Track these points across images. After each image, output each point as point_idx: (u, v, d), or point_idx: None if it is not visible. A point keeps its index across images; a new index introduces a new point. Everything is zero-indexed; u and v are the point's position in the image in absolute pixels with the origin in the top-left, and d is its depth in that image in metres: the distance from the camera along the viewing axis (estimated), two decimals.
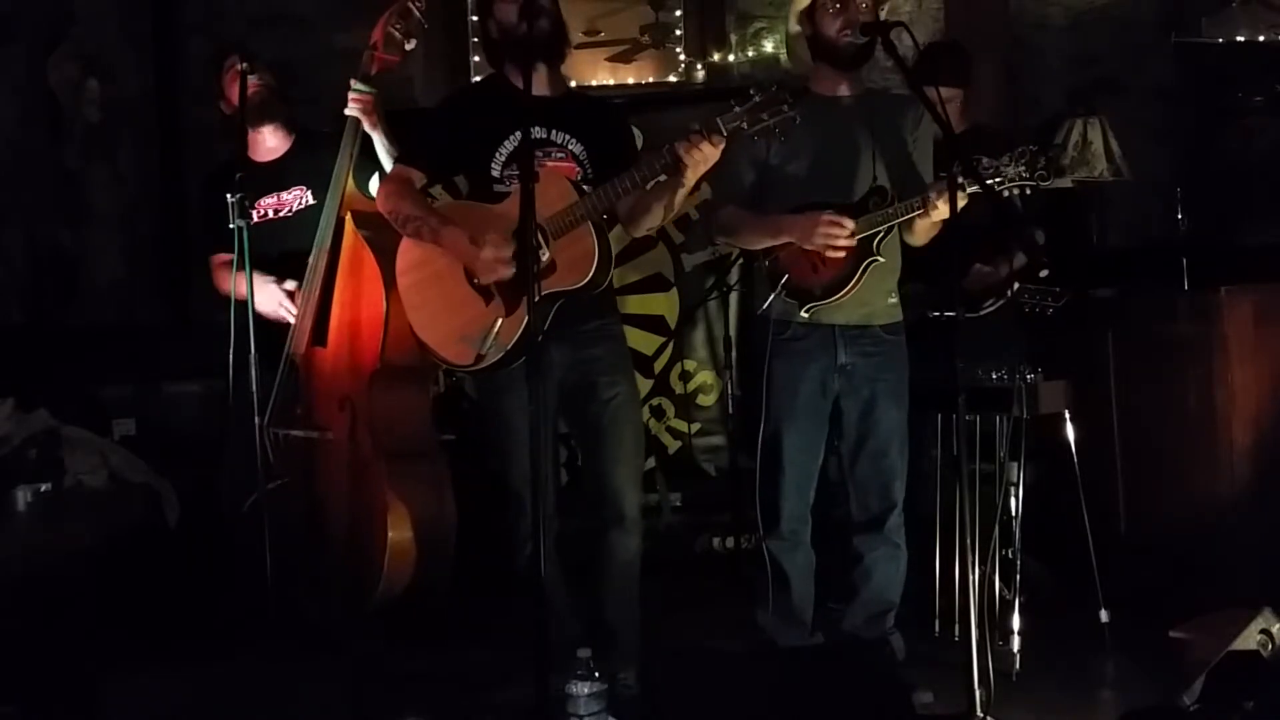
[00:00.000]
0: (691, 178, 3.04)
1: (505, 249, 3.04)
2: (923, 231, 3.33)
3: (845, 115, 3.40)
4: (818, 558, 3.55)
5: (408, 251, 3.28)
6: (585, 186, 3.17)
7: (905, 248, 3.47)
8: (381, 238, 3.54)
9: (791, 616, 3.51)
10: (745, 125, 2.95)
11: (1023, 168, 3.07)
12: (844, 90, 3.43)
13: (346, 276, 3.66)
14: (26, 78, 4.87)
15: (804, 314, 3.36)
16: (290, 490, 3.61)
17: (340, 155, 3.67)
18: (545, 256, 3.07)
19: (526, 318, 3.00)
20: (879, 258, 3.31)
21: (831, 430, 3.51)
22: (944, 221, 3.22)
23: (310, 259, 3.67)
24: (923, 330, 3.73)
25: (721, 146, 2.97)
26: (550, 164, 3.21)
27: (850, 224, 3.23)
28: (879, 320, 3.43)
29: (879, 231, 3.29)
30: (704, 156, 2.97)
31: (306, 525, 3.63)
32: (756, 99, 2.94)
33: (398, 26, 3.66)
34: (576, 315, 3.20)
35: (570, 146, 3.25)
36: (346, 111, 3.66)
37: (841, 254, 3.26)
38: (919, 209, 3.20)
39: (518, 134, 3.18)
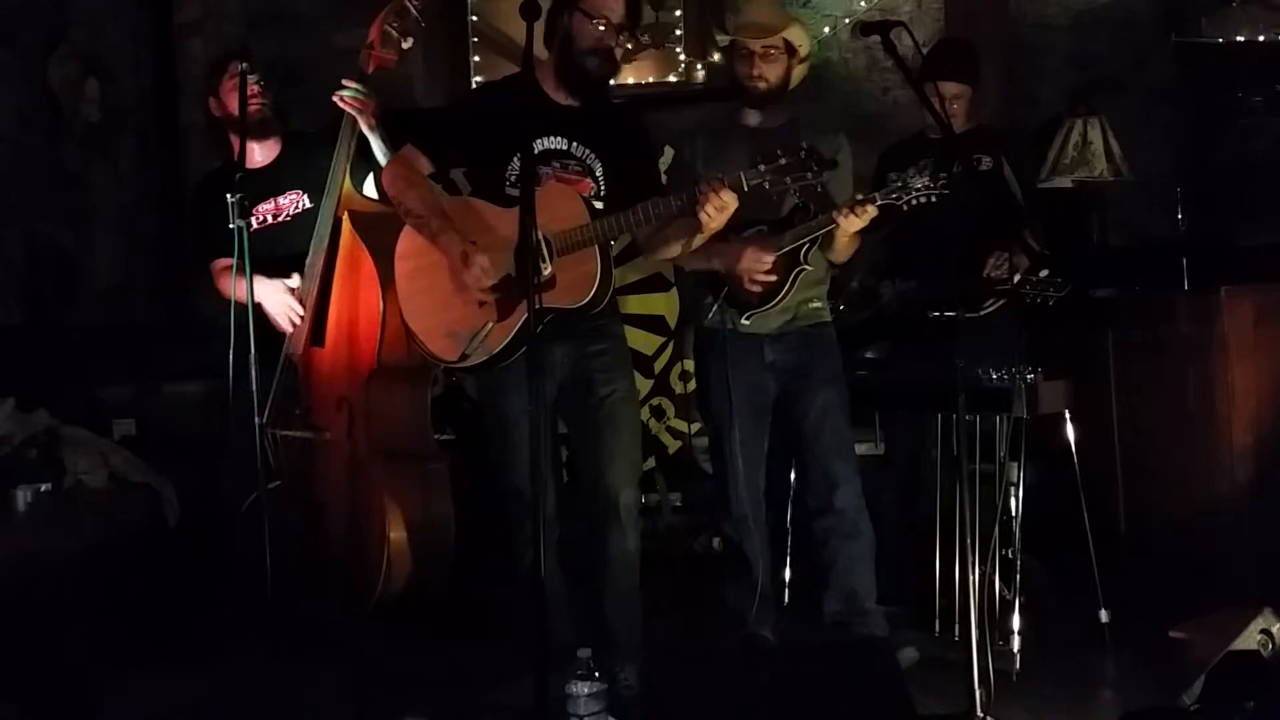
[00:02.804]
0: (714, 225, 3.15)
1: (488, 278, 3.07)
2: (841, 249, 3.53)
3: (766, 142, 3.44)
4: (803, 558, 3.67)
5: (409, 237, 3.28)
6: (598, 204, 3.20)
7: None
8: (379, 238, 3.54)
9: (755, 591, 3.62)
10: (768, 185, 3.07)
11: (926, 178, 3.25)
12: (759, 121, 3.62)
13: (344, 276, 3.65)
14: (26, 78, 4.86)
15: (745, 321, 3.56)
16: (289, 491, 3.61)
17: (336, 155, 3.67)
18: (547, 271, 3.08)
19: (517, 326, 3.03)
20: (807, 266, 3.53)
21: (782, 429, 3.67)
22: (948, 223, 3.26)
23: (307, 259, 3.67)
24: (923, 330, 3.73)
25: (736, 200, 3.09)
26: (570, 177, 3.22)
27: (770, 257, 3.43)
28: (802, 323, 3.63)
29: (804, 243, 3.48)
30: (722, 204, 3.07)
31: (305, 525, 3.63)
32: (783, 161, 3.05)
33: (394, 25, 3.66)
34: (576, 314, 3.20)
35: (589, 162, 3.26)
36: (343, 106, 3.65)
37: (771, 278, 3.46)
38: (830, 224, 3.39)
39: (539, 142, 3.20)
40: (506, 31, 5.56)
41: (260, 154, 3.83)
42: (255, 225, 3.65)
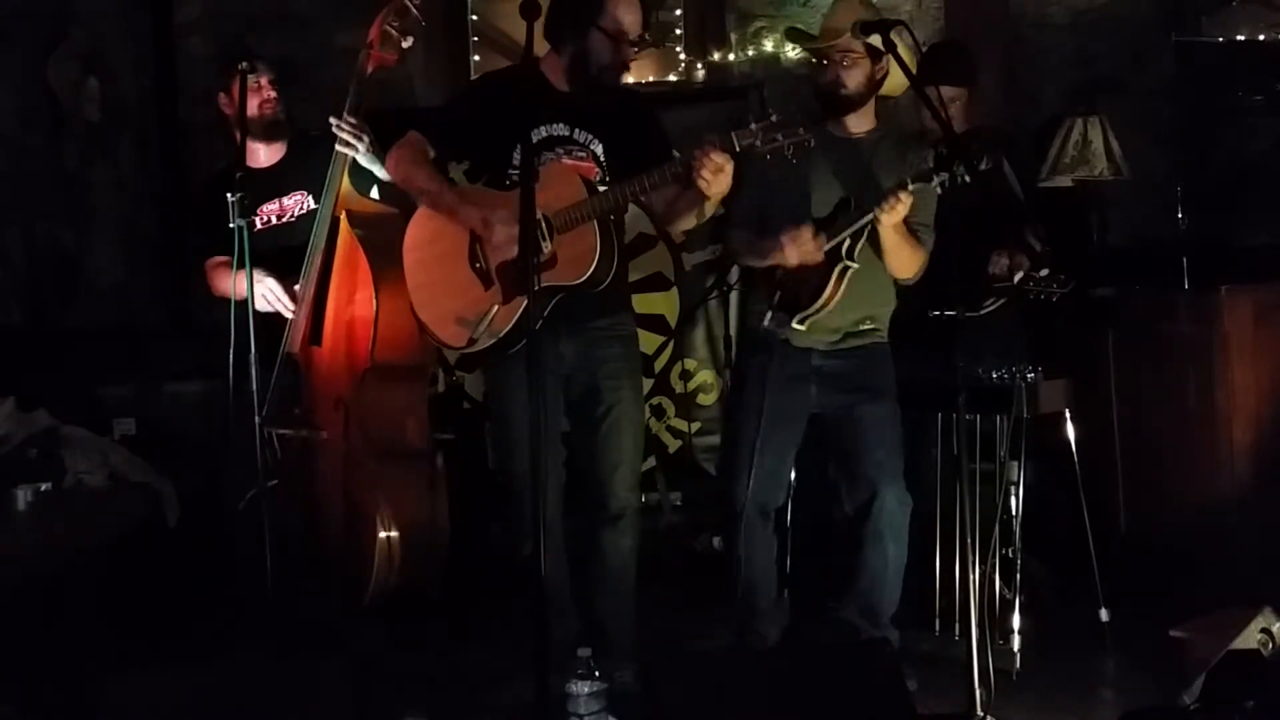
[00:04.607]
0: (715, 190, 3.06)
1: (516, 229, 3.05)
2: (892, 252, 3.37)
3: (836, 152, 3.45)
4: (818, 556, 3.61)
5: (418, 227, 3.30)
6: (602, 187, 3.20)
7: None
8: (376, 237, 3.55)
9: (750, 599, 3.54)
10: (759, 143, 3.00)
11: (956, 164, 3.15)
12: (840, 131, 3.49)
13: (341, 276, 3.66)
14: (26, 78, 4.86)
15: (798, 325, 3.41)
16: (287, 489, 3.61)
17: (334, 156, 3.67)
18: (547, 249, 3.09)
19: (521, 309, 3.04)
20: (851, 264, 3.37)
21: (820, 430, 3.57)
22: (948, 222, 3.25)
23: (305, 259, 3.68)
24: (923, 330, 3.73)
25: (731, 159, 3.01)
26: (570, 162, 3.23)
27: (807, 229, 3.32)
28: (853, 342, 3.50)
29: (845, 239, 3.35)
30: (716, 166, 3.00)
31: (302, 524, 3.63)
32: (773, 119, 3.01)
33: (394, 24, 3.67)
34: (589, 311, 3.22)
35: (591, 146, 3.28)
36: (338, 147, 3.65)
37: (820, 259, 3.34)
38: (869, 216, 3.27)
39: (542, 128, 3.22)
40: (507, 31, 5.55)
41: (266, 154, 3.83)
42: (260, 226, 3.66)
